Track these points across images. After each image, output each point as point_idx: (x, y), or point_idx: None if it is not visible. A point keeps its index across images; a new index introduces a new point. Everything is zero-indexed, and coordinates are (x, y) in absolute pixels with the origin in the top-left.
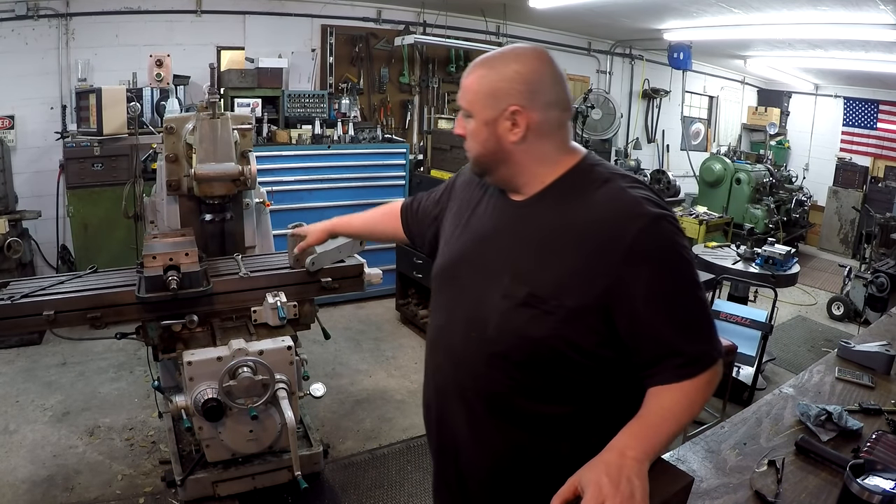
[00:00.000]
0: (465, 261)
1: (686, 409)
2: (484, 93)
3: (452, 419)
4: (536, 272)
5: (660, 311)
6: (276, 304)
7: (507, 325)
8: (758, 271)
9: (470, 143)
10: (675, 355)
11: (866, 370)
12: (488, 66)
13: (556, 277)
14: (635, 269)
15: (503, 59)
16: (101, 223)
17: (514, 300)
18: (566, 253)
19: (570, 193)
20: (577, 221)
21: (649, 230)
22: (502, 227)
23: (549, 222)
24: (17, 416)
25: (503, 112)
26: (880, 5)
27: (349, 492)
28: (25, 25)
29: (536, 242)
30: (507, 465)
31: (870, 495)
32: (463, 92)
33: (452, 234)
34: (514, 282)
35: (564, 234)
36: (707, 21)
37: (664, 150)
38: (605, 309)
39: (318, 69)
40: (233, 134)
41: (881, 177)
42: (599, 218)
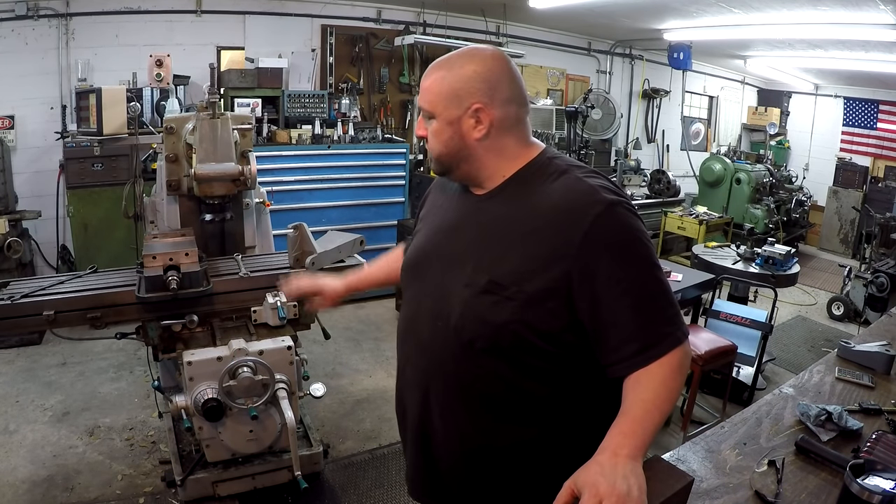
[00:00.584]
0: (430, 254)
1: (664, 396)
2: (445, 93)
3: (423, 408)
4: (496, 260)
5: (619, 294)
6: (276, 304)
7: (470, 313)
8: (758, 271)
9: (432, 142)
10: (636, 339)
11: (866, 370)
12: (447, 68)
13: (515, 264)
14: (593, 253)
15: (460, 61)
16: (101, 223)
17: (475, 288)
18: (525, 240)
19: (528, 184)
20: (535, 210)
21: (606, 215)
22: (464, 219)
23: (508, 212)
24: (17, 416)
25: (467, 110)
26: (880, 5)
27: (349, 492)
28: (25, 25)
29: (496, 231)
30: (477, 451)
31: (870, 495)
32: (423, 94)
33: (418, 236)
34: (476, 270)
35: (523, 223)
36: (707, 21)
37: (664, 150)
38: (565, 293)
39: (318, 69)
40: (233, 134)
41: (881, 177)
42: (556, 205)
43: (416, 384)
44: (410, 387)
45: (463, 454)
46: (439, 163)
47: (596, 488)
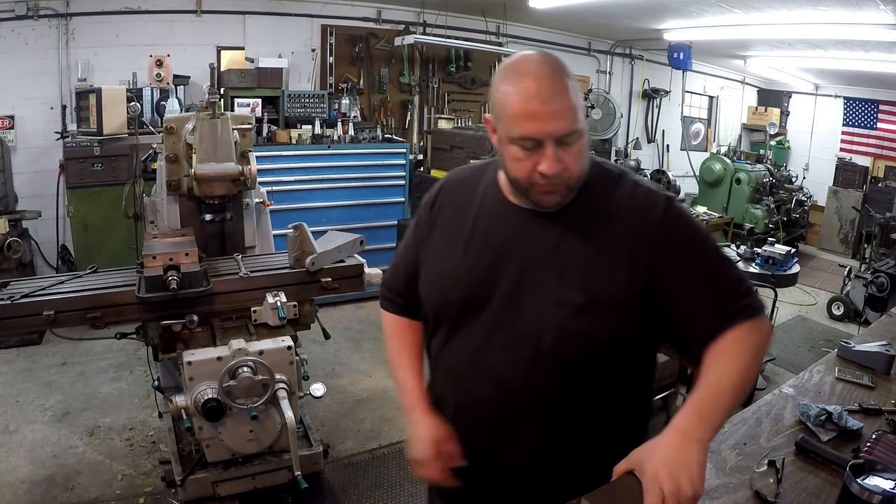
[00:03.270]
0: (490, 282)
1: (741, 373)
2: (579, 95)
3: (497, 440)
4: (587, 276)
5: (696, 274)
6: (276, 304)
7: (568, 335)
8: (758, 271)
9: (576, 165)
10: (716, 311)
11: (866, 370)
12: (560, 73)
13: (606, 277)
14: (666, 242)
15: (563, 68)
16: (101, 223)
17: (570, 307)
18: (607, 252)
19: (593, 194)
20: (608, 220)
21: (669, 209)
22: (528, 237)
23: (582, 225)
24: (17, 416)
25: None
26: (880, 5)
27: (349, 492)
28: (25, 25)
29: (577, 246)
30: (558, 465)
31: (870, 495)
32: (565, 115)
33: (450, 259)
34: (565, 289)
35: (601, 234)
36: (707, 21)
37: (664, 150)
38: (648, 290)
39: (318, 69)
40: (233, 134)
41: (881, 177)
42: (626, 211)
43: (489, 419)
44: (479, 423)
45: (543, 471)
46: (573, 188)
47: (658, 480)
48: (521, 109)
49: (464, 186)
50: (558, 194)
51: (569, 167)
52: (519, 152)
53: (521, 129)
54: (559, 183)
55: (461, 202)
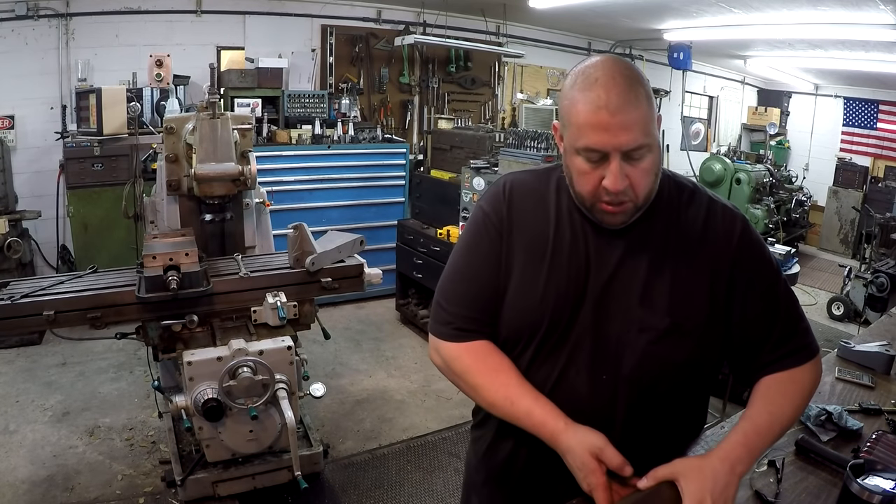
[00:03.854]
0: (575, 303)
1: (790, 411)
2: (653, 108)
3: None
4: (671, 298)
5: (769, 304)
6: (276, 304)
7: (651, 360)
8: None
9: (645, 182)
10: (782, 343)
11: (866, 370)
12: (639, 82)
13: (689, 298)
14: (743, 265)
15: (639, 77)
16: (101, 223)
17: (654, 332)
18: (688, 271)
19: (668, 210)
20: (686, 237)
21: (747, 231)
22: (609, 256)
23: (661, 244)
24: (17, 416)
25: (658, 119)
26: (880, 5)
27: (349, 492)
28: (25, 25)
29: (658, 267)
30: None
31: (870, 495)
32: (634, 128)
33: (536, 278)
34: (650, 312)
35: (680, 253)
36: (707, 21)
37: (664, 151)
38: (727, 311)
39: (318, 69)
40: (233, 134)
41: (881, 177)
42: (704, 227)
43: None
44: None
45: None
46: (640, 206)
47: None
48: (587, 119)
49: (535, 196)
50: (624, 214)
51: (636, 184)
52: (584, 164)
53: (586, 139)
54: (625, 202)
55: (538, 215)
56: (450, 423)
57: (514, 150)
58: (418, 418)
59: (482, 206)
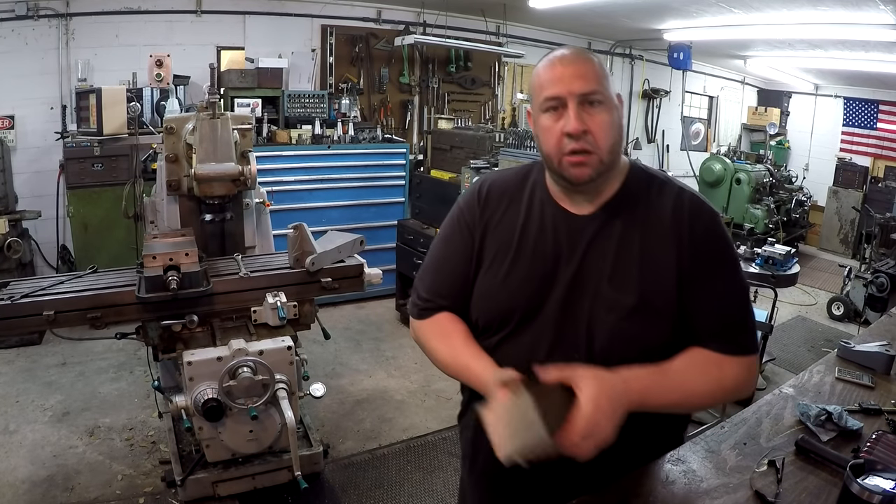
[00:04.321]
0: (545, 289)
1: (701, 394)
2: (607, 76)
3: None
4: (638, 278)
5: (723, 294)
6: (276, 304)
7: (619, 338)
8: (758, 271)
9: (605, 134)
10: (725, 332)
11: (866, 370)
12: (592, 54)
13: (657, 277)
14: (707, 253)
15: (591, 52)
16: (101, 223)
17: (622, 310)
18: (656, 252)
19: (639, 198)
20: (655, 221)
21: (716, 222)
22: (579, 241)
23: (631, 228)
24: (17, 416)
25: (617, 97)
26: (880, 5)
27: (349, 492)
28: (25, 25)
29: (627, 249)
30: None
31: (870, 495)
32: (587, 77)
33: (505, 269)
34: (619, 291)
35: (649, 238)
36: (707, 21)
37: (664, 150)
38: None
39: (318, 69)
40: (233, 134)
41: (881, 177)
42: (673, 213)
43: None
44: None
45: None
46: (605, 163)
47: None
48: (545, 76)
49: (509, 193)
50: (588, 166)
51: (596, 135)
52: (547, 120)
53: (545, 92)
54: (589, 152)
55: (510, 210)
56: (450, 423)
57: (514, 150)
58: (418, 418)
59: (459, 203)
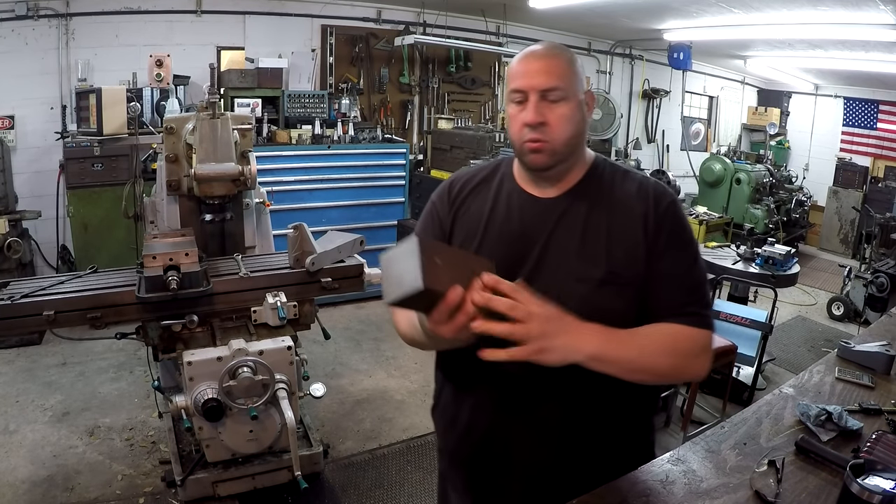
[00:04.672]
0: (513, 269)
1: (657, 360)
2: (576, 75)
3: (522, 419)
4: (606, 252)
5: (682, 272)
6: (276, 304)
7: (589, 307)
8: (758, 271)
9: (562, 126)
10: (683, 305)
11: (866, 370)
12: (564, 51)
13: (625, 249)
14: (669, 232)
15: (565, 49)
16: (101, 223)
17: (591, 281)
18: (624, 227)
19: (603, 182)
20: (620, 202)
21: (677, 205)
22: (544, 222)
23: (596, 208)
24: (17, 416)
25: (584, 94)
26: (880, 5)
27: (349, 492)
28: (25, 25)
29: (593, 227)
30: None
31: (870, 495)
32: (549, 73)
33: (470, 249)
34: (586, 265)
35: (614, 215)
36: (707, 21)
37: (664, 150)
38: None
39: (318, 69)
40: (233, 134)
41: (881, 177)
42: (637, 195)
43: (517, 405)
44: (506, 411)
45: (556, 449)
46: (560, 153)
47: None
48: (515, 69)
49: (478, 185)
50: (544, 154)
51: (552, 126)
52: (513, 108)
53: (512, 84)
54: (544, 141)
55: (478, 199)
56: None
57: None
58: (418, 418)
59: (432, 197)
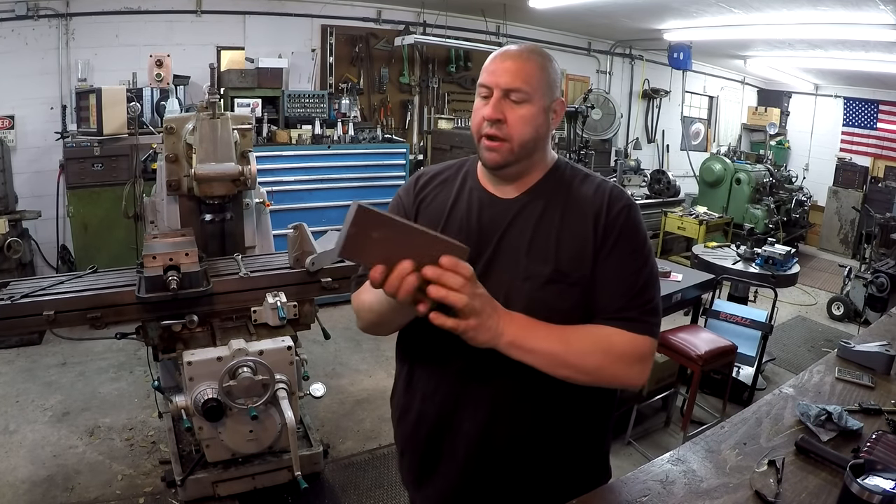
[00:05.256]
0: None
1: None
2: (545, 80)
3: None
4: (554, 251)
5: (630, 275)
6: (276, 304)
7: (536, 305)
8: (758, 271)
9: (519, 127)
10: (626, 308)
11: (866, 370)
12: (538, 55)
13: (572, 252)
14: (620, 235)
15: (541, 53)
16: (101, 223)
17: (539, 279)
18: (573, 228)
19: (561, 185)
20: (575, 204)
21: (632, 210)
22: (500, 220)
23: (551, 208)
24: (17, 416)
25: (553, 101)
26: (880, 5)
27: (349, 492)
28: (25, 25)
29: (545, 226)
30: (540, 447)
31: (870, 495)
32: (516, 74)
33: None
34: (534, 263)
35: (568, 216)
36: (707, 21)
37: (664, 150)
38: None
39: (318, 69)
40: (233, 134)
41: (881, 177)
42: (592, 199)
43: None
44: (457, 401)
45: (525, 455)
46: (515, 153)
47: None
48: (487, 65)
49: (442, 181)
50: (499, 153)
51: (511, 126)
52: (478, 102)
53: (480, 79)
54: (501, 140)
55: (440, 195)
56: None
57: None
58: None
59: (398, 192)
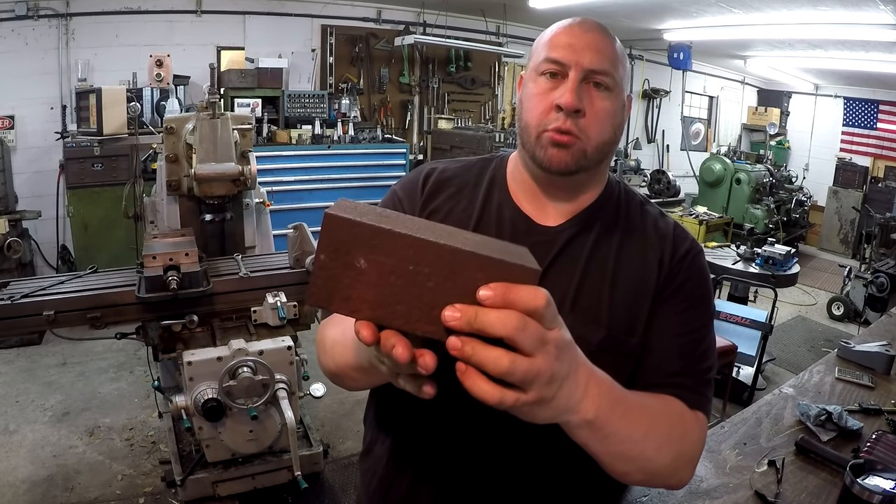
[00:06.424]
0: None
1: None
2: (626, 67)
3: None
4: (608, 308)
5: (692, 332)
6: (276, 304)
7: None
8: (758, 271)
9: (600, 123)
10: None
11: (866, 370)
12: (613, 34)
13: (630, 310)
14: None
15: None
16: (101, 223)
17: (586, 347)
18: (631, 280)
19: (617, 215)
20: (633, 244)
21: (699, 253)
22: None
23: (605, 248)
24: (17, 416)
25: (628, 96)
26: (880, 5)
27: (349, 492)
28: (25, 25)
29: (596, 273)
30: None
31: (870, 495)
32: (603, 53)
33: None
34: (581, 323)
35: (625, 259)
36: (707, 21)
37: (664, 150)
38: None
39: (318, 69)
40: (233, 134)
41: (881, 177)
42: (654, 238)
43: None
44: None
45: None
46: (589, 157)
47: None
48: (556, 36)
49: (460, 188)
50: (570, 153)
51: (588, 123)
52: (543, 83)
53: (550, 53)
54: (574, 137)
55: (458, 209)
56: None
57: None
58: None
59: (396, 190)
